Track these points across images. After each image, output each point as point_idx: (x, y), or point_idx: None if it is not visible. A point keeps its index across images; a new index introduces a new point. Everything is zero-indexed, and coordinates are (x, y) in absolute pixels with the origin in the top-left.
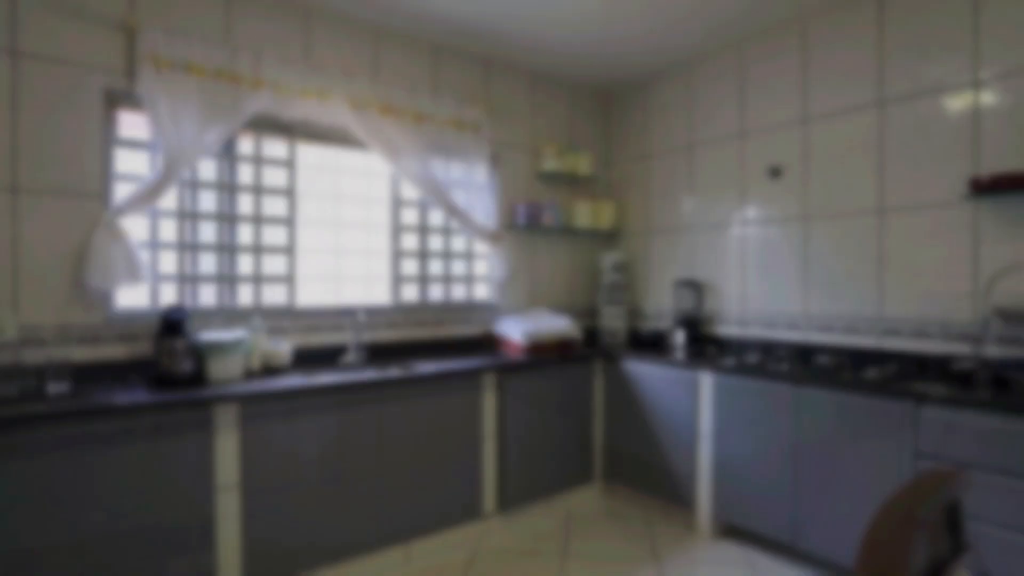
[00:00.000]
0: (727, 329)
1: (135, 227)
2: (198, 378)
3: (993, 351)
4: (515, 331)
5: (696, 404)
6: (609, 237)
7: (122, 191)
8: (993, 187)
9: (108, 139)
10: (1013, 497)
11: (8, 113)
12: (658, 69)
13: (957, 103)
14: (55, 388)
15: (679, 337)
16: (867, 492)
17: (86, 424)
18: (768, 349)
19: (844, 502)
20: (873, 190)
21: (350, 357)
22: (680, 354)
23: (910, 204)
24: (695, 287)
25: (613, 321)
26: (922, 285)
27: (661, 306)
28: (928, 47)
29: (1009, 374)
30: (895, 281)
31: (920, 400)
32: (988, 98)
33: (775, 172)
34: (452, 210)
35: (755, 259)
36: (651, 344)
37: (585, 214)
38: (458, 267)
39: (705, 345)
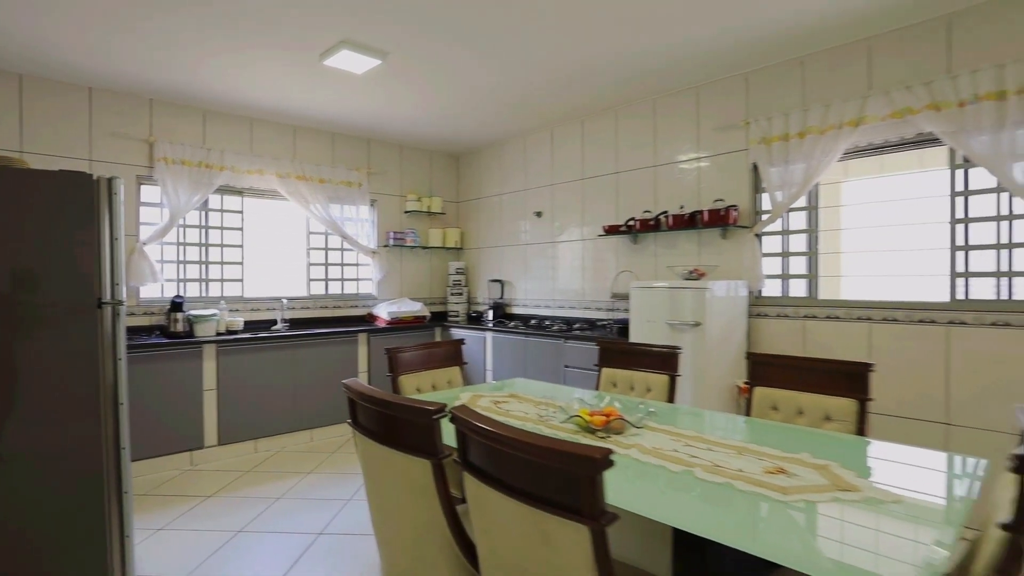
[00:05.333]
0: (518, 309)
1: (153, 251)
2: (190, 335)
3: (620, 314)
4: (383, 312)
5: (485, 350)
6: (454, 251)
7: (145, 231)
8: (609, 231)
9: (138, 203)
10: (578, 375)
11: None
12: (484, 144)
13: (608, 182)
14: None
15: (490, 315)
16: (550, 378)
17: (142, 352)
18: (528, 319)
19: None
20: (582, 227)
21: (278, 326)
22: (486, 324)
23: (593, 236)
24: (501, 283)
25: (457, 306)
26: (597, 281)
27: (486, 296)
28: (597, 150)
29: (619, 325)
30: (588, 279)
31: (565, 339)
32: (622, 179)
33: (539, 214)
34: (344, 236)
35: (531, 266)
36: (476, 319)
37: (437, 237)
38: (349, 272)
39: (503, 319)
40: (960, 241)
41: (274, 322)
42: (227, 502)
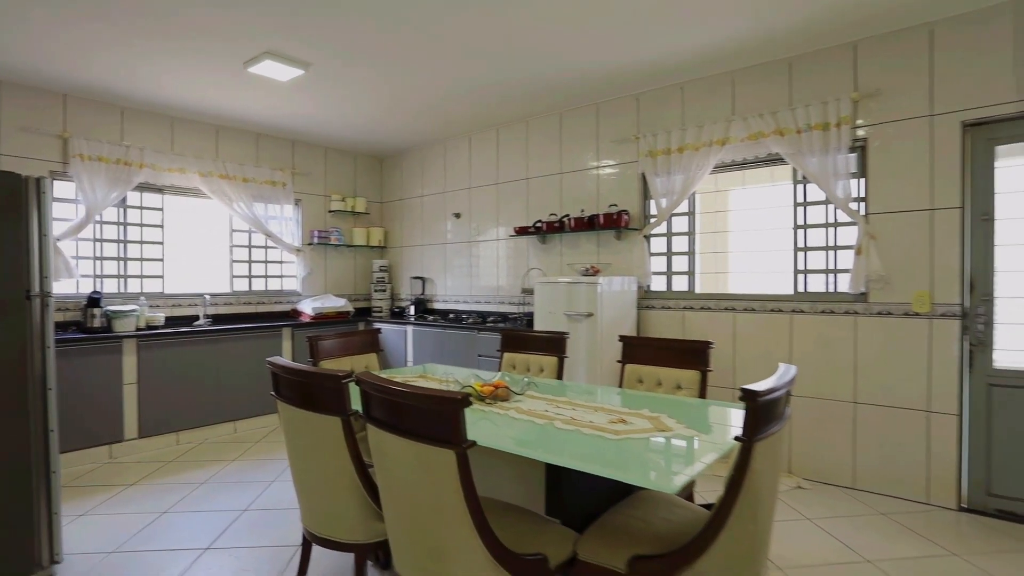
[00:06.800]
0: (439, 305)
1: (68, 247)
2: (108, 330)
3: (530, 308)
4: (308, 307)
5: (406, 342)
6: (378, 250)
7: (59, 227)
8: (519, 232)
9: (51, 198)
10: (489, 362)
11: None
12: (407, 147)
13: (520, 187)
14: None
15: (412, 310)
16: (464, 365)
17: (60, 346)
18: (448, 313)
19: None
20: (497, 227)
21: (200, 321)
22: (408, 319)
23: (507, 236)
24: (422, 280)
25: (380, 302)
26: (511, 278)
27: (408, 292)
28: (510, 156)
29: (528, 317)
30: (503, 276)
31: (478, 330)
32: (532, 184)
33: (457, 215)
34: (269, 234)
35: (452, 264)
36: (399, 314)
37: (361, 236)
38: (273, 269)
39: (425, 314)
40: (801, 244)
41: (196, 318)
42: (150, 489)
